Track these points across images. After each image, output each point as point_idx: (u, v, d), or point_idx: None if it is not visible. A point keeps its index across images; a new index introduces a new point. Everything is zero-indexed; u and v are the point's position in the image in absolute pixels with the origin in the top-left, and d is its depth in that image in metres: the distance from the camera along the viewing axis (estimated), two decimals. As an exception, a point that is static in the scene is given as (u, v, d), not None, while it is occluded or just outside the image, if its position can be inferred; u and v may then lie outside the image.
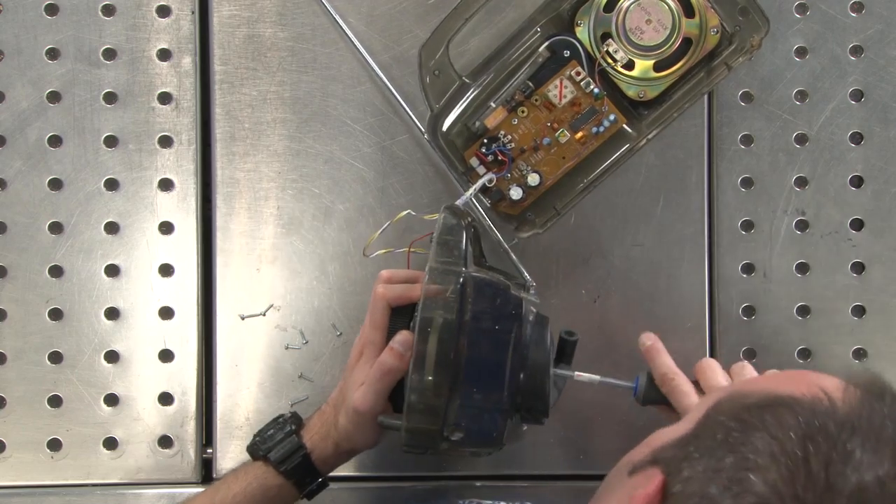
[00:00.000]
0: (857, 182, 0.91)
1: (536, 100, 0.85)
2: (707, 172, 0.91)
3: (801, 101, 0.91)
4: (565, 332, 0.75)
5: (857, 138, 0.91)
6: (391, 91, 0.89)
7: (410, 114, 0.88)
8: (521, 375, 0.71)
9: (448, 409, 0.68)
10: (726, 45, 0.83)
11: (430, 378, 0.68)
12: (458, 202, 0.83)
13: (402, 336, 0.74)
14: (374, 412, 0.74)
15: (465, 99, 0.85)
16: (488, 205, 0.85)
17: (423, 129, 0.88)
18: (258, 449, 0.78)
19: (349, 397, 0.75)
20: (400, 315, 0.76)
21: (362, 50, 0.89)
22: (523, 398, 0.71)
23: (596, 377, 0.76)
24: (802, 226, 0.91)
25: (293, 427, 0.78)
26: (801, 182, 0.91)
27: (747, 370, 0.75)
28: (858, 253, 0.91)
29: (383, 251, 0.86)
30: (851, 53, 0.91)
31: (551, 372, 0.73)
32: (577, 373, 0.75)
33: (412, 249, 0.84)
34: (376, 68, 0.89)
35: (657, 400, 0.76)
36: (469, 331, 0.68)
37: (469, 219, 0.77)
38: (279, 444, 0.77)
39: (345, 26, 0.89)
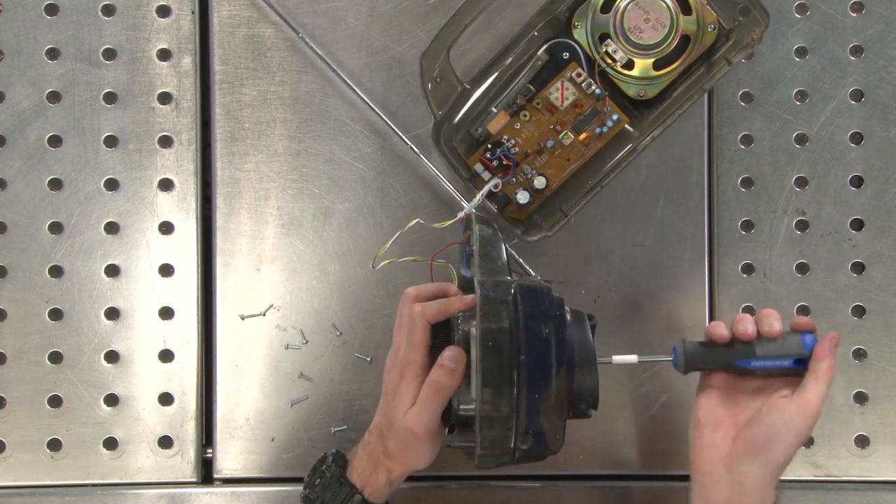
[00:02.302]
0: (857, 182, 0.91)
1: (538, 103, 0.85)
2: (707, 172, 0.91)
3: (801, 101, 0.91)
4: (586, 316, 0.75)
5: (857, 138, 0.91)
6: (378, 114, 0.89)
7: (400, 133, 0.89)
8: (573, 372, 0.71)
9: (517, 418, 0.68)
10: (724, 41, 0.83)
11: (499, 390, 0.67)
12: (465, 210, 0.83)
13: (452, 352, 0.72)
14: (430, 431, 0.74)
15: (466, 105, 0.85)
16: (495, 210, 0.85)
17: (407, 141, 0.88)
18: (311, 502, 0.77)
19: (398, 420, 0.74)
20: (438, 331, 0.75)
21: (341, 72, 0.89)
22: (576, 394, 0.71)
23: (634, 357, 0.75)
24: (802, 226, 0.91)
25: (339, 470, 0.77)
26: (801, 182, 0.91)
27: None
28: (858, 253, 0.91)
29: (387, 262, 0.86)
30: (851, 53, 0.91)
31: (597, 363, 0.73)
32: (614, 357, 0.75)
33: (435, 261, 0.84)
34: (365, 97, 0.89)
35: (698, 366, 0.75)
36: (525, 338, 0.68)
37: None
38: (330, 492, 0.76)
39: (333, 64, 0.89)
